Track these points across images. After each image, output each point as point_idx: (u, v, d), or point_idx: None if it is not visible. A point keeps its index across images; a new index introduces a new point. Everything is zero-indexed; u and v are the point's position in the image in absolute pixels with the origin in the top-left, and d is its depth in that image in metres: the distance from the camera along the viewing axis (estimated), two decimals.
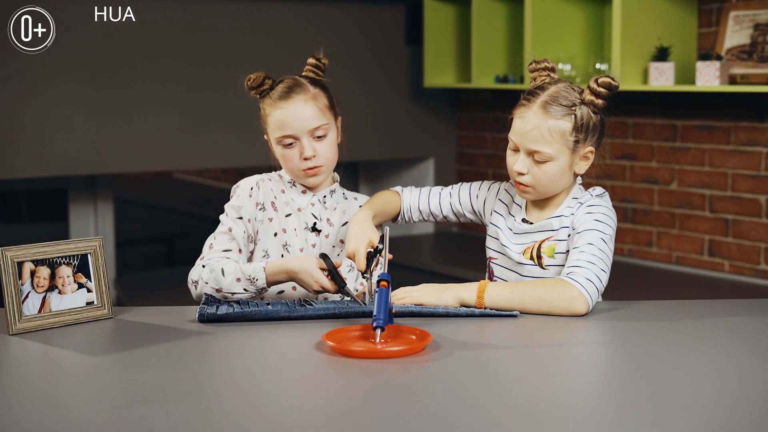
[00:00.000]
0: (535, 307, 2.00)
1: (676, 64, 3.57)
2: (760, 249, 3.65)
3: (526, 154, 2.09)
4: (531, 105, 2.08)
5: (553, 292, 1.99)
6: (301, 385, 1.62)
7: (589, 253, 2.02)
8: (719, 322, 2.00)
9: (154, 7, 4.07)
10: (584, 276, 1.99)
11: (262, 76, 2.25)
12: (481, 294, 2.02)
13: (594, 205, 2.11)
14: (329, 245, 2.28)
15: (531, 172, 2.09)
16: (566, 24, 4.03)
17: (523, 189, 2.12)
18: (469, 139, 4.86)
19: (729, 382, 1.60)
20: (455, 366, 1.69)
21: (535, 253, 2.14)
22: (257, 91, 2.26)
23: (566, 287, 1.98)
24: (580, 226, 2.08)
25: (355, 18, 4.56)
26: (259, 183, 2.27)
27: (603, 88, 2.07)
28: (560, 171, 2.09)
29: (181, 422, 1.42)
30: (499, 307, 2.02)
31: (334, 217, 2.30)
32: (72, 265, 1.98)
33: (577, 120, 2.06)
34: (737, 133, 3.68)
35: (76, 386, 1.61)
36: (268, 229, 2.23)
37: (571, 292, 1.98)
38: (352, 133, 2.41)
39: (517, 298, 2.01)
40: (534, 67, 2.16)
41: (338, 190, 2.33)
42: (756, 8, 3.52)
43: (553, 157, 2.07)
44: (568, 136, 2.06)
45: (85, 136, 3.98)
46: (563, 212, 2.14)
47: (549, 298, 1.98)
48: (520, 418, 1.45)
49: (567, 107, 2.06)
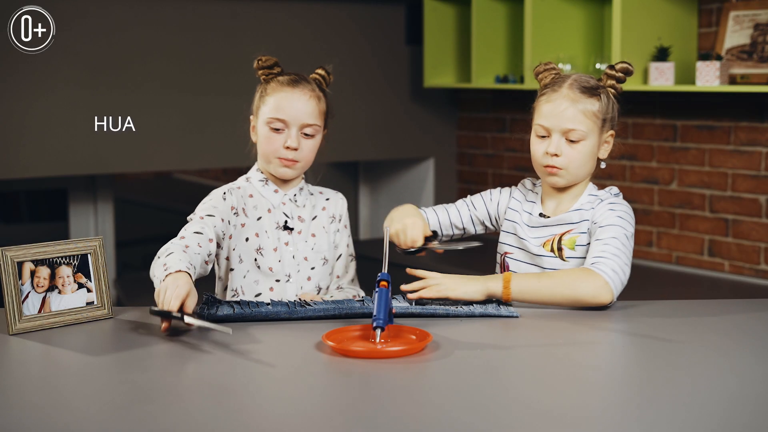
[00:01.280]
0: (561, 296, 2.02)
1: (676, 64, 3.57)
2: (760, 249, 3.65)
3: (560, 134, 2.14)
4: (558, 89, 2.16)
5: (580, 282, 2.01)
6: (301, 385, 1.62)
7: (614, 246, 2.05)
8: (719, 322, 2.00)
9: (154, 7, 4.07)
10: (610, 267, 2.02)
11: (274, 60, 2.27)
12: (507, 285, 2.03)
13: (615, 203, 2.16)
14: (302, 241, 2.28)
15: (565, 153, 2.14)
16: (566, 24, 4.03)
17: (555, 172, 2.15)
18: (469, 139, 4.86)
19: (729, 382, 1.60)
20: (455, 366, 1.69)
21: (555, 245, 2.16)
22: (266, 71, 2.27)
23: (593, 277, 2.01)
24: (603, 221, 2.12)
25: (355, 18, 4.56)
26: (230, 190, 2.26)
27: (621, 72, 2.18)
28: (590, 152, 2.15)
29: (181, 422, 1.42)
30: (525, 297, 2.04)
31: (304, 214, 2.30)
32: (72, 265, 1.98)
33: (603, 101, 2.15)
34: (737, 133, 3.68)
35: (76, 386, 1.61)
36: (241, 235, 2.23)
37: (598, 282, 2.00)
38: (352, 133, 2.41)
39: (544, 287, 2.03)
40: (541, 68, 2.23)
41: (305, 187, 2.34)
42: (756, 8, 3.52)
43: (586, 136, 2.13)
44: (598, 115, 2.14)
45: (85, 136, 3.98)
46: (582, 206, 2.17)
47: (576, 288, 2.01)
48: (520, 418, 1.45)
49: (593, 89, 2.15)
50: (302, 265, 2.27)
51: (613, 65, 2.20)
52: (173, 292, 1.85)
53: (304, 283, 2.27)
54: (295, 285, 2.26)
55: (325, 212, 2.34)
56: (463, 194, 4.95)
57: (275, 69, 2.27)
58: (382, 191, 5.20)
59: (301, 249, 2.28)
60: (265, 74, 2.27)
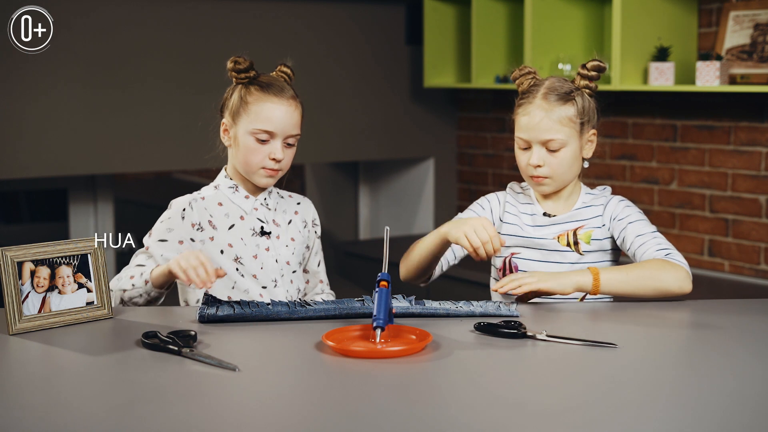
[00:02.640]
0: (649, 287, 2.05)
1: (676, 64, 3.57)
2: (760, 249, 3.65)
3: (540, 145, 2.15)
4: (532, 100, 2.16)
5: (665, 273, 2.05)
6: (301, 385, 1.62)
7: (663, 239, 2.12)
8: (719, 322, 2.00)
9: (154, 7, 4.07)
10: (679, 256, 2.09)
11: (250, 62, 2.21)
12: (597, 278, 2.05)
13: (623, 200, 2.22)
14: (282, 245, 2.25)
15: (547, 162, 2.16)
16: (566, 24, 4.03)
17: (541, 181, 2.18)
18: (469, 139, 4.86)
19: (729, 382, 1.60)
20: (455, 366, 1.69)
21: (571, 239, 2.19)
22: (244, 75, 2.21)
23: (676, 267, 2.05)
24: (626, 216, 2.17)
25: (355, 18, 4.56)
26: (192, 203, 2.21)
27: (593, 71, 2.19)
28: (573, 156, 2.17)
29: (181, 422, 1.42)
30: (613, 289, 2.07)
31: (278, 218, 2.27)
32: (72, 265, 1.98)
33: (578, 104, 2.16)
34: (737, 133, 3.68)
35: (76, 386, 1.61)
36: (213, 248, 2.19)
37: (680, 272, 2.05)
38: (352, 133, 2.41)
39: (632, 279, 2.06)
40: (517, 74, 2.23)
41: (273, 190, 2.30)
42: (756, 8, 3.52)
43: (566, 143, 2.15)
44: (574, 120, 2.15)
45: (85, 136, 3.98)
46: (586, 203, 2.21)
47: (662, 279, 2.04)
48: (520, 418, 1.45)
49: (566, 94, 2.15)
50: (285, 269, 2.25)
51: (584, 64, 2.20)
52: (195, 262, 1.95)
53: (288, 286, 2.25)
54: (282, 289, 2.23)
55: (298, 216, 2.31)
56: (463, 194, 4.96)
57: (251, 72, 2.22)
58: (382, 191, 5.19)
59: (283, 253, 2.25)
60: (240, 77, 2.21)
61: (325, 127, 4.43)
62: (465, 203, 4.90)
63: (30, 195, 5.09)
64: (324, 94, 4.45)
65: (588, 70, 2.18)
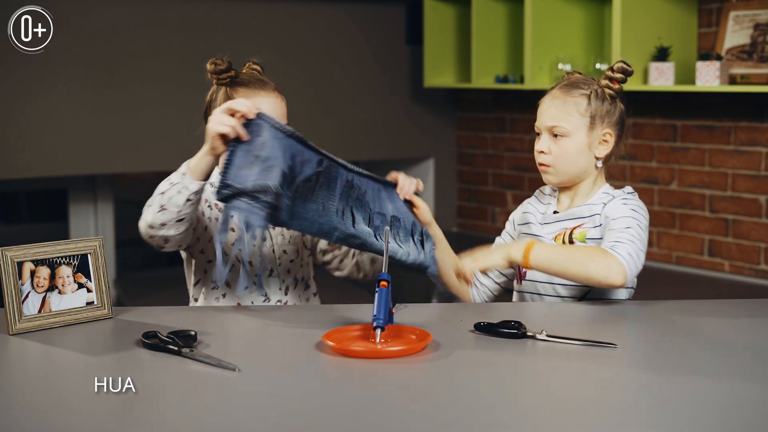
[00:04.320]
0: (574, 270, 2.03)
1: (676, 64, 3.57)
2: (760, 249, 3.65)
3: (547, 132, 2.19)
4: (551, 91, 2.23)
5: (596, 259, 2.02)
6: (301, 385, 1.61)
7: (630, 234, 2.08)
8: (719, 322, 2.00)
9: (154, 7, 4.07)
10: (626, 251, 2.03)
11: (229, 63, 2.21)
12: (527, 254, 2.05)
13: (629, 199, 2.20)
14: (279, 234, 2.28)
15: (551, 150, 2.18)
16: (566, 24, 4.03)
17: (544, 169, 2.21)
18: (469, 139, 4.86)
19: (729, 382, 1.60)
20: (455, 366, 1.69)
21: (567, 238, 2.19)
22: (225, 75, 2.21)
23: (608, 257, 2.02)
24: (616, 214, 2.14)
25: (355, 18, 4.56)
26: None
27: (618, 73, 2.20)
28: (578, 149, 2.17)
29: (180, 422, 1.42)
30: (542, 266, 2.06)
31: None
32: (72, 265, 1.98)
33: (591, 100, 2.18)
34: (737, 133, 3.68)
35: (76, 386, 1.61)
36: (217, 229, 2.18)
37: (611, 262, 2.01)
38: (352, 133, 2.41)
39: (561, 259, 2.05)
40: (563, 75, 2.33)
41: None
42: (756, 8, 3.52)
43: (570, 132, 2.16)
44: (583, 111, 2.17)
45: (85, 136, 3.98)
46: (594, 202, 2.20)
47: (590, 264, 2.02)
48: (519, 418, 1.45)
49: (581, 88, 2.19)
50: (282, 258, 2.27)
51: (612, 66, 2.23)
52: (225, 113, 1.94)
53: (285, 276, 2.27)
54: (277, 279, 2.26)
55: None
56: (463, 194, 4.96)
57: (231, 72, 2.21)
58: None
59: (280, 242, 2.28)
60: (221, 79, 2.21)
61: (324, 127, 4.43)
62: (465, 203, 4.90)
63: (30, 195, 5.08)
64: (324, 94, 4.46)
65: (613, 72, 2.21)
